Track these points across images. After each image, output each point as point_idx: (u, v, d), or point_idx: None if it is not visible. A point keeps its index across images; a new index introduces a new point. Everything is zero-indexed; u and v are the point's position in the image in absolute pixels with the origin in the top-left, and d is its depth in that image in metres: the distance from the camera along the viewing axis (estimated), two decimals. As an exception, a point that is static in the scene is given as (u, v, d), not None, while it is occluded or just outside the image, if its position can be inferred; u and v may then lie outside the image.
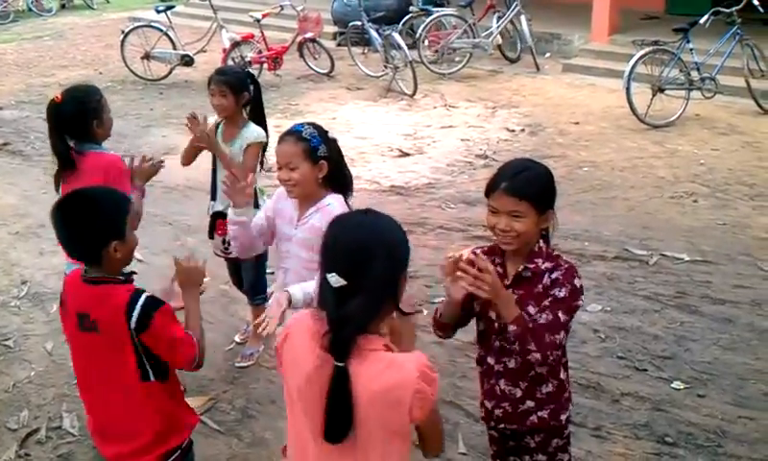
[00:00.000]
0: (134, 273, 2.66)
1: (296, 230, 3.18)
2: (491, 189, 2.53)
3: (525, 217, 2.47)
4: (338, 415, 1.92)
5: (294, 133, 3.08)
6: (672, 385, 4.17)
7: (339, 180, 3.20)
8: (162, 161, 3.83)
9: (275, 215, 3.30)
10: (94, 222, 2.46)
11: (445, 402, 4.06)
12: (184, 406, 2.74)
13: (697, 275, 5.30)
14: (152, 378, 2.53)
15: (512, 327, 2.42)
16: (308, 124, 3.15)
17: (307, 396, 2.00)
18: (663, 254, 5.57)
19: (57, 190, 3.68)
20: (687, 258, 5.52)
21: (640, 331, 4.69)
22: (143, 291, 2.51)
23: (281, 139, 3.11)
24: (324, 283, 1.98)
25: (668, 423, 3.88)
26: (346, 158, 3.33)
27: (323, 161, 3.07)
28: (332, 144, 3.16)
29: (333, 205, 3.09)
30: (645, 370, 4.32)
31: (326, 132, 3.16)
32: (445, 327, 2.69)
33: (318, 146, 3.06)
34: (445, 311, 2.63)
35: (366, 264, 1.94)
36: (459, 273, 2.40)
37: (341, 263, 1.95)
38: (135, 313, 2.43)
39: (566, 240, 5.74)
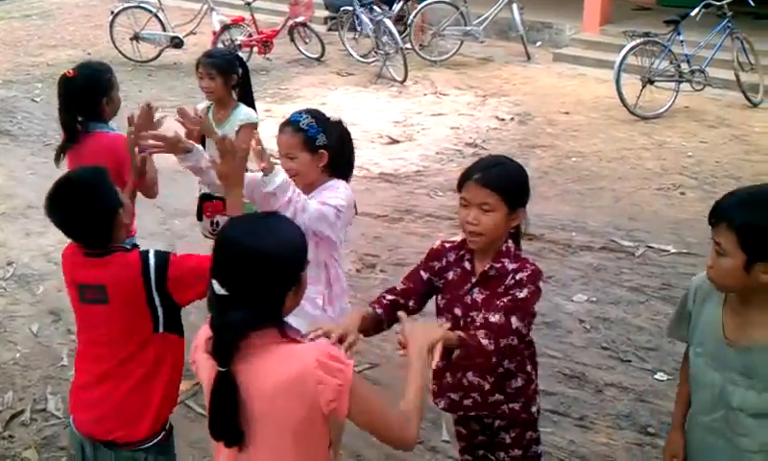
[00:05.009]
0: (137, 246, 2.65)
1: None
2: (463, 180, 2.50)
3: (495, 211, 2.44)
4: (220, 418, 1.89)
5: (291, 124, 3.06)
6: (655, 376, 4.21)
7: (340, 166, 3.17)
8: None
9: None
10: (96, 209, 2.44)
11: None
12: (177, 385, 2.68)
13: (682, 267, 5.33)
14: (161, 330, 2.49)
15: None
16: (307, 112, 3.11)
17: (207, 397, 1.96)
18: (650, 246, 5.61)
19: (56, 163, 3.66)
20: (673, 250, 5.56)
21: (625, 322, 4.72)
22: (148, 250, 2.51)
23: (281, 129, 3.09)
24: (209, 286, 1.93)
25: (651, 413, 3.91)
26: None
27: (322, 150, 3.05)
28: (334, 131, 3.12)
29: (335, 184, 3.08)
30: (629, 361, 4.35)
31: (327, 119, 3.13)
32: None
33: (316, 135, 3.03)
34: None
35: (247, 277, 1.86)
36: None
37: (223, 272, 1.89)
38: (152, 269, 2.42)
39: (553, 230, 5.75)
